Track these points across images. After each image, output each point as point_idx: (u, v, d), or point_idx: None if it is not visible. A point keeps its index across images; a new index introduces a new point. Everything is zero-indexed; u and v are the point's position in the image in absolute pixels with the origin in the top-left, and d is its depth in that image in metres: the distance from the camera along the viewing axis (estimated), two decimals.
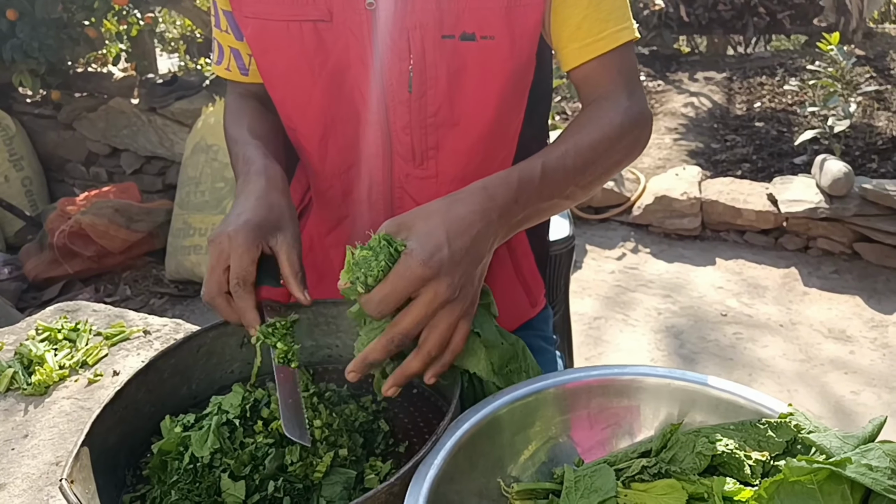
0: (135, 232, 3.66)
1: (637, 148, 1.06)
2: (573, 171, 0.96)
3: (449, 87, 1.03)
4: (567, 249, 1.53)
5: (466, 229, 0.83)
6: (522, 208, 0.91)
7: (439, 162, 1.09)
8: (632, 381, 0.90)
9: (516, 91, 1.09)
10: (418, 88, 1.03)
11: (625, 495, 0.80)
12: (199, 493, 0.85)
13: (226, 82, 1.24)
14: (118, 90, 4.31)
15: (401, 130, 1.07)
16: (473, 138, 1.08)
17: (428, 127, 1.06)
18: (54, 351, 1.26)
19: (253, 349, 1.12)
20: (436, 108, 1.05)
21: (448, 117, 1.06)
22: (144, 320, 1.36)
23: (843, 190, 3.23)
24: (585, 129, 1.00)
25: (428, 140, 1.07)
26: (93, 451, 0.88)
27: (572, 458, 0.89)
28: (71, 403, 1.15)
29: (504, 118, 1.10)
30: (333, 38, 1.03)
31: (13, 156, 4.23)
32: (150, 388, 1.01)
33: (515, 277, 1.27)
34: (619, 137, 1.01)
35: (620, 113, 1.02)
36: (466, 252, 0.82)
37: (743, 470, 0.79)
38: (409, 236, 0.81)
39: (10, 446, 1.07)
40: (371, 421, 0.98)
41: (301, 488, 0.86)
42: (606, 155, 1.00)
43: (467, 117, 1.07)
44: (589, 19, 1.03)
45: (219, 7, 1.14)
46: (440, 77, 1.03)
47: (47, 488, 0.98)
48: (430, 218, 0.82)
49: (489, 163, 1.12)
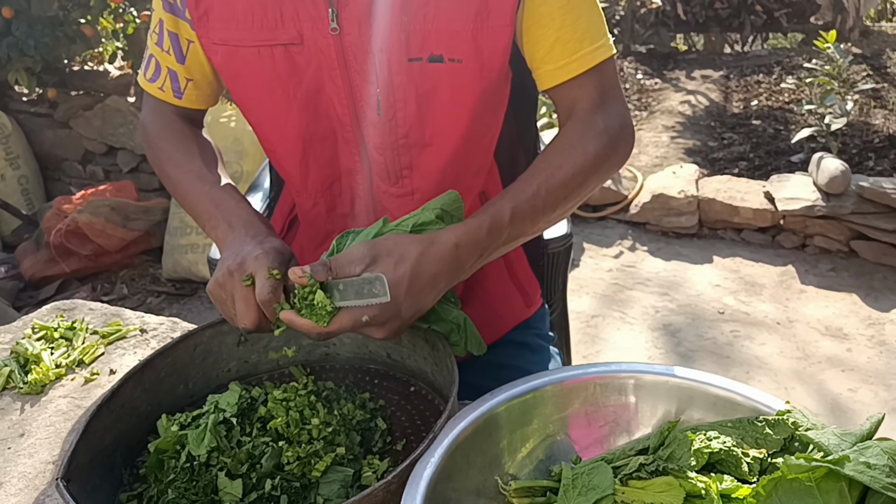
0: (131, 230, 3.65)
1: (616, 167, 1.06)
2: (542, 210, 0.98)
3: (419, 108, 1.03)
4: (565, 247, 1.52)
5: (428, 289, 0.89)
6: (488, 256, 0.96)
7: (414, 180, 1.09)
8: (629, 378, 0.90)
9: (488, 109, 1.08)
10: (387, 111, 1.03)
11: (622, 493, 0.80)
12: (196, 491, 0.85)
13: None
14: (114, 88, 4.29)
15: (374, 150, 1.07)
16: (447, 157, 1.08)
17: (400, 147, 1.06)
18: (51, 350, 1.25)
19: (249, 349, 1.12)
20: (406, 129, 1.04)
21: (419, 138, 1.05)
22: (141, 319, 1.35)
23: (840, 188, 3.23)
24: (558, 163, 1.00)
25: (401, 160, 1.07)
26: (89, 449, 0.87)
27: (570, 456, 0.89)
28: (67, 402, 1.15)
29: (476, 136, 1.09)
30: (306, 60, 1.03)
31: (9, 154, 4.21)
32: (147, 386, 1.00)
33: (510, 280, 1.28)
34: (593, 167, 1.01)
35: (595, 138, 1.01)
36: (417, 311, 0.90)
37: (741, 467, 0.79)
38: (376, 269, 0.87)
39: (7, 445, 1.06)
40: (368, 419, 0.98)
41: (298, 486, 0.86)
42: (579, 189, 1.01)
43: (440, 138, 1.06)
44: (562, 40, 1.01)
45: (165, 27, 1.10)
46: (409, 100, 1.02)
47: (44, 487, 0.98)
48: (400, 263, 0.88)
49: (464, 177, 1.12)
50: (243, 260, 0.91)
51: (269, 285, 0.88)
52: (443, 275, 0.90)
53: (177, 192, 1.11)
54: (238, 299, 0.90)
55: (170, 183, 1.13)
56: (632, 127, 1.07)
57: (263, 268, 0.89)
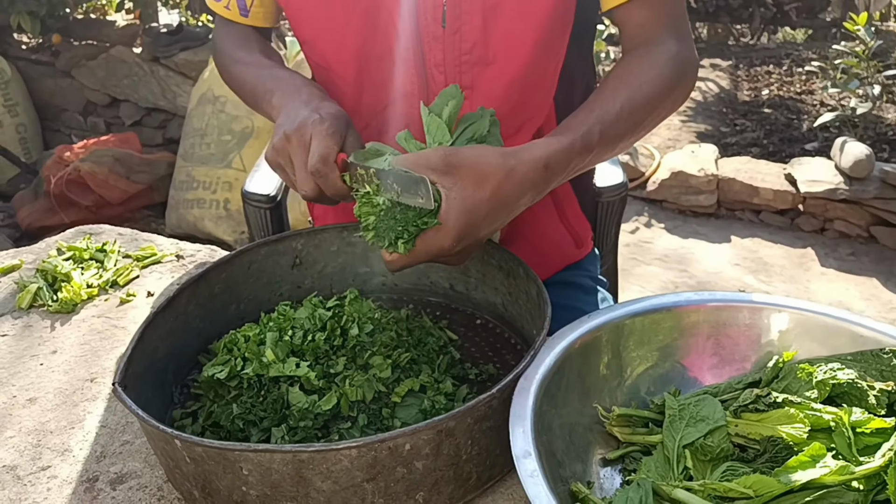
0: (135, 183, 3.54)
1: (683, 98, 1.02)
2: (623, 134, 0.92)
3: (484, 23, 0.97)
4: (619, 197, 1.45)
5: (510, 210, 0.81)
6: (570, 175, 0.89)
7: (473, 102, 1.03)
8: (742, 308, 0.83)
9: (555, 30, 1.02)
10: (452, 24, 0.97)
11: (735, 425, 0.73)
12: (265, 406, 0.77)
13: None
14: (120, 38, 4.15)
15: (434, 68, 1.01)
16: (509, 79, 1.02)
17: (462, 65, 1.01)
18: (81, 269, 1.17)
19: (302, 273, 1.05)
20: (470, 44, 0.99)
21: (483, 55, 1.00)
22: (176, 245, 1.27)
23: (863, 172, 3.19)
24: (638, 83, 0.94)
25: (462, 79, 1.02)
26: (143, 358, 0.80)
27: (668, 389, 0.82)
28: (102, 322, 1.06)
29: (542, 59, 1.03)
30: None
31: (8, 101, 4.07)
32: (201, 301, 0.93)
33: (558, 219, 1.23)
34: (670, 91, 0.96)
35: (671, 62, 0.96)
36: (494, 229, 0.83)
37: (867, 400, 0.73)
38: (453, 187, 0.77)
39: (38, 361, 0.98)
40: (442, 346, 0.91)
41: (376, 409, 0.79)
42: (657, 112, 0.96)
43: (503, 56, 1.00)
44: None
45: None
46: (475, 12, 0.96)
47: (83, 404, 0.90)
48: (482, 183, 0.77)
49: (526, 105, 1.06)
50: (301, 124, 0.85)
51: (319, 154, 0.82)
52: (527, 196, 0.82)
53: (238, 86, 1.10)
54: (298, 166, 0.85)
55: (232, 81, 1.12)
56: (697, 61, 1.02)
57: (319, 134, 0.84)
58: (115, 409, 0.89)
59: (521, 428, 0.65)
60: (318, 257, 1.05)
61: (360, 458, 0.62)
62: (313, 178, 0.83)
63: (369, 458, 0.63)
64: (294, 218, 1.66)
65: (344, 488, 0.64)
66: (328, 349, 0.81)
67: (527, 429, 0.65)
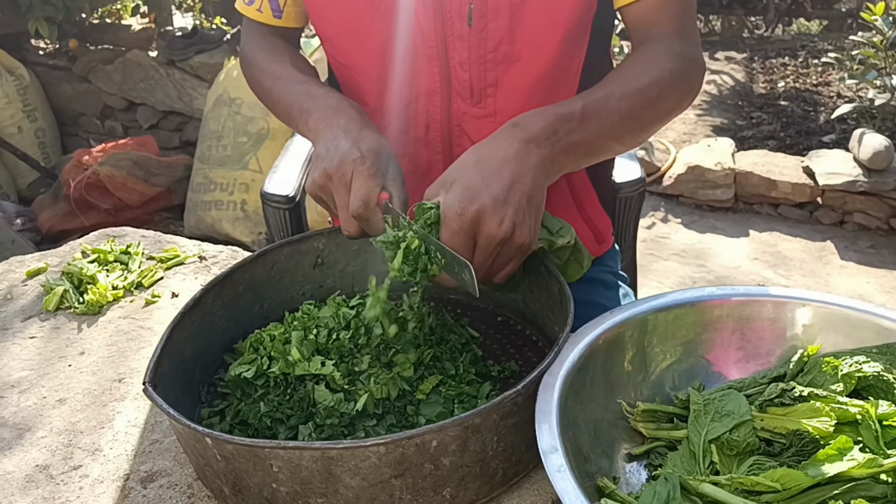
0: (153, 186, 3.57)
1: (689, 96, 1.01)
2: (618, 113, 0.91)
3: (511, 20, 0.98)
4: (637, 192, 1.45)
5: (501, 166, 0.81)
6: (563, 138, 0.87)
7: (498, 100, 1.04)
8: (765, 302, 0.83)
9: (580, 26, 1.03)
10: (479, 21, 0.97)
11: (760, 419, 0.73)
12: (292, 405, 0.78)
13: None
14: (136, 42, 4.18)
15: (458, 66, 1.02)
16: (534, 76, 1.02)
17: (487, 63, 1.01)
18: (106, 272, 1.18)
19: (324, 272, 1.05)
20: (496, 42, 0.99)
21: (508, 53, 1.00)
22: (199, 246, 1.28)
23: (883, 163, 3.16)
24: (632, 73, 0.95)
25: (486, 77, 1.02)
26: (172, 357, 0.81)
27: (692, 384, 0.82)
28: (129, 323, 1.08)
29: (567, 55, 1.04)
30: None
31: (27, 106, 4.11)
32: (226, 301, 0.94)
33: (578, 214, 1.22)
34: (669, 83, 0.96)
35: (672, 58, 0.97)
36: (510, 188, 0.79)
37: (893, 393, 0.73)
38: (446, 194, 0.80)
39: (67, 362, 1.00)
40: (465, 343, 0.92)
41: (401, 406, 0.79)
42: (657, 101, 0.95)
43: (529, 53, 1.01)
44: None
45: None
46: (502, 10, 0.97)
47: (112, 404, 0.91)
48: (464, 169, 0.81)
49: (549, 102, 1.05)
50: (341, 161, 0.85)
51: (361, 200, 0.82)
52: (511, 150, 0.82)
53: (271, 102, 1.10)
54: (340, 206, 0.85)
55: (264, 94, 1.11)
56: (703, 60, 1.03)
57: (361, 175, 0.84)
58: (143, 409, 0.90)
59: (548, 424, 0.65)
60: (340, 256, 1.06)
61: (388, 454, 0.63)
62: (356, 221, 0.84)
63: (397, 454, 0.63)
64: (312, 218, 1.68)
65: (372, 485, 0.65)
66: (352, 347, 0.82)
67: (553, 425, 0.65)
